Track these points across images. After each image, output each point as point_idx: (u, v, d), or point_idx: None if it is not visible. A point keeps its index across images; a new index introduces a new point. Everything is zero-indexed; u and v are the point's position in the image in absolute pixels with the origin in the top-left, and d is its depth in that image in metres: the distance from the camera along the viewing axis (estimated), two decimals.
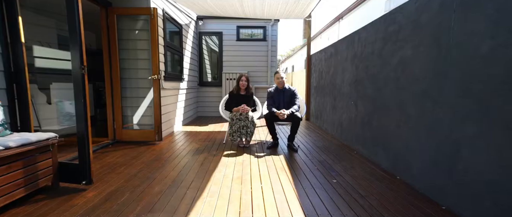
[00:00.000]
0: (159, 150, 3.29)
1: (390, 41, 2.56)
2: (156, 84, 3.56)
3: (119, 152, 3.18)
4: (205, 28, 6.72)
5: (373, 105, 2.94)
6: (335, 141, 3.94)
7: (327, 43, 5.41)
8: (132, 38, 3.66)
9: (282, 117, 3.31)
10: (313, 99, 5.87)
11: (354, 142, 3.47)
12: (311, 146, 3.63)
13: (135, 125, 3.79)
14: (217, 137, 4.24)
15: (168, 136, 4.16)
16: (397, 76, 2.44)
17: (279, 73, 3.62)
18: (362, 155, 3.17)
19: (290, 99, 3.60)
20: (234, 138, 3.50)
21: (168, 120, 4.37)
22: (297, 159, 3.03)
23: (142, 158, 2.95)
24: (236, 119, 3.48)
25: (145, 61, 3.69)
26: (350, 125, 3.61)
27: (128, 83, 3.70)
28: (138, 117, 3.79)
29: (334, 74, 4.40)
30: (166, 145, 3.59)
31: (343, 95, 3.93)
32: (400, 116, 2.40)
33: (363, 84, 3.20)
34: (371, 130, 2.98)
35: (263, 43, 6.76)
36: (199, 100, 6.83)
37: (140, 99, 3.77)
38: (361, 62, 3.28)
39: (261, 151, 3.34)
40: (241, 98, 3.66)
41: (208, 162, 2.87)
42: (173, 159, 2.95)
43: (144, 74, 3.69)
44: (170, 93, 4.49)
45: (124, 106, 3.69)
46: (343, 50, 3.98)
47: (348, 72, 3.75)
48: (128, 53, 3.66)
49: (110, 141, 3.56)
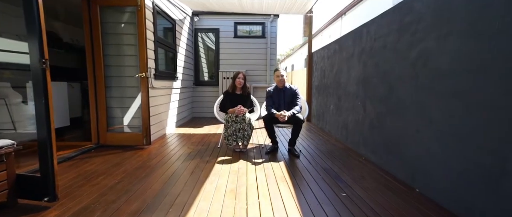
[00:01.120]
0: (146, 156, 2.96)
1: (408, 32, 2.24)
2: (144, 83, 3.23)
3: (100, 158, 2.85)
4: (201, 24, 6.38)
5: (384, 106, 2.63)
6: (339, 145, 3.62)
7: (329, 41, 5.09)
8: (118, 32, 3.32)
9: (283, 119, 2.99)
10: (315, 99, 5.55)
11: (361, 147, 3.15)
12: (314, 151, 3.31)
13: (122, 128, 3.46)
14: (212, 140, 3.91)
15: (158, 139, 3.83)
16: (416, 73, 2.12)
17: (279, 70, 3.30)
18: (371, 161, 2.85)
19: (291, 99, 3.28)
20: (230, 142, 3.17)
21: (159, 121, 4.04)
22: (299, 166, 2.71)
23: (125, 165, 2.62)
24: (232, 121, 3.16)
25: (132, 57, 3.36)
26: (357, 127, 3.29)
27: (114, 82, 3.37)
28: (124, 119, 3.45)
29: (338, 72, 4.08)
30: (155, 149, 3.26)
31: (349, 95, 3.61)
32: (420, 119, 2.08)
33: (373, 83, 2.88)
34: (382, 134, 2.66)
35: (261, 40, 6.43)
36: (195, 100, 6.50)
37: (128, 99, 3.44)
38: (370, 58, 2.96)
39: (259, 157, 3.02)
40: (237, 98, 3.34)
41: (199, 170, 2.54)
42: (160, 166, 2.62)
43: (132, 71, 3.36)
44: (162, 92, 4.16)
45: (109, 107, 3.36)
46: (349, 46, 3.66)
47: (354, 70, 3.43)
48: (113, 48, 3.33)
49: (93, 146, 3.23)
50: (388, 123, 2.55)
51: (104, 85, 3.25)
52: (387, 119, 2.56)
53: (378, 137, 2.74)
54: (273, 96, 3.32)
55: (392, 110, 2.48)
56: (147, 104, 3.27)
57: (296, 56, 17.15)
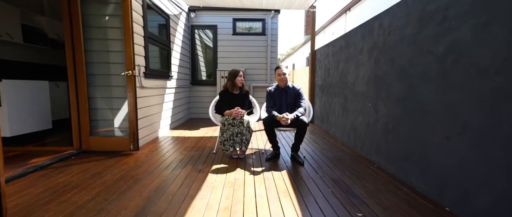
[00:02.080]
0: (131, 164, 2.64)
1: (432, 22, 1.91)
2: (131, 82, 2.90)
3: (79, 166, 2.52)
4: (198, 21, 6.06)
5: (401, 108, 2.30)
6: (347, 150, 3.29)
7: (332, 39, 4.77)
8: (102, 26, 3.00)
9: (285, 122, 2.66)
10: (318, 100, 5.22)
11: (373, 153, 2.82)
12: (320, 157, 2.98)
13: (107, 132, 3.13)
14: (207, 144, 3.58)
15: (149, 144, 3.51)
16: (445, 70, 1.79)
17: (281, 68, 2.97)
18: (385, 170, 2.52)
19: (294, 100, 2.96)
20: (226, 147, 2.85)
21: (151, 124, 3.72)
22: (304, 176, 2.38)
23: (105, 175, 2.30)
24: (228, 125, 2.83)
25: (119, 54, 3.03)
26: (367, 131, 2.96)
27: (98, 81, 3.04)
28: (111, 122, 3.13)
29: (344, 71, 3.75)
30: (143, 156, 2.94)
31: (357, 95, 3.28)
32: (449, 124, 1.75)
33: (387, 81, 2.56)
34: (399, 139, 2.33)
35: (262, 38, 6.11)
36: (192, 100, 6.18)
37: (114, 100, 3.11)
38: (383, 53, 2.63)
39: (258, 165, 2.69)
40: (234, 98, 3.01)
41: (190, 181, 2.21)
42: (145, 177, 2.30)
43: (119, 69, 3.03)
44: (153, 92, 3.84)
45: (92, 109, 3.03)
46: (357, 41, 3.33)
47: (364, 67, 3.10)
48: (97, 43, 3.00)
49: (74, 152, 2.90)
50: (406, 127, 2.22)
51: (86, 84, 2.92)
52: (405, 123, 2.24)
53: (394, 143, 2.41)
54: (274, 96, 3.00)
55: (411, 112, 2.16)
56: (135, 105, 2.95)
57: (297, 55, 16.82)
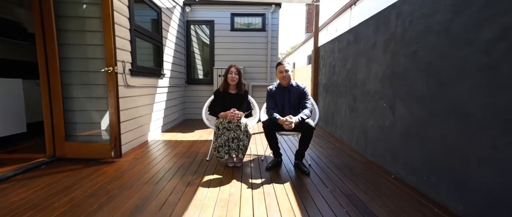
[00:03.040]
0: (110, 174, 2.27)
1: (473, 5, 1.55)
2: (112, 80, 2.54)
3: (48, 178, 2.16)
4: (194, 16, 5.69)
5: (427, 109, 1.94)
6: (357, 157, 2.93)
7: (336, 35, 4.43)
8: (79, 15, 2.63)
9: (288, 126, 2.30)
10: (322, 99, 4.86)
11: (389, 161, 2.46)
12: (326, 164, 2.62)
13: (86, 136, 2.76)
14: (200, 149, 3.22)
15: (135, 149, 3.14)
16: (492, 62, 1.43)
17: (283, 64, 2.60)
18: (405, 182, 2.16)
19: (299, 101, 2.59)
20: (221, 154, 2.49)
21: (138, 127, 3.35)
22: (311, 189, 2.02)
23: (76, 190, 1.93)
24: (223, 129, 2.47)
25: (99, 48, 2.66)
26: (382, 135, 2.60)
27: (75, 78, 2.68)
28: (89, 125, 2.76)
29: (353, 68, 3.39)
30: (126, 164, 2.57)
31: (368, 94, 2.92)
32: (498, 129, 1.39)
33: (407, 78, 2.19)
34: (424, 146, 1.97)
35: (262, 34, 5.74)
36: (187, 100, 5.81)
37: (93, 100, 2.74)
38: (403, 46, 2.27)
39: (257, 175, 2.33)
40: (230, 98, 2.65)
41: (175, 198, 1.85)
42: (122, 192, 1.93)
43: (99, 65, 2.66)
44: (142, 92, 3.47)
45: (68, 110, 2.67)
46: (369, 34, 2.97)
47: (377, 63, 2.74)
48: (73, 36, 2.63)
49: (45, 159, 2.54)
50: (434, 132, 1.86)
51: (60, 82, 2.56)
52: (433, 127, 1.87)
53: (417, 150, 2.05)
54: (275, 96, 2.63)
55: (442, 114, 1.79)
56: (116, 106, 2.58)
57: (297, 54, 16.46)
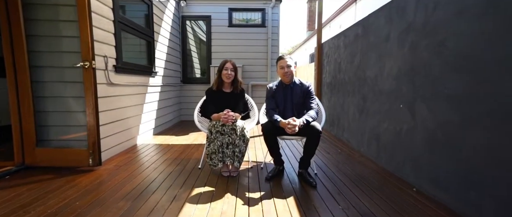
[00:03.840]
0: (83, 187, 1.94)
1: None
2: (89, 77, 2.21)
3: (7, 192, 1.82)
4: (189, 11, 5.37)
5: (461, 110, 1.61)
6: (369, 164, 2.59)
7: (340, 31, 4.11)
8: (51, 2, 2.30)
9: (291, 130, 1.97)
10: (326, 100, 4.53)
11: (409, 172, 2.13)
12: (335, 174, 2.29)
13: (61, 141, 2.43)
14: (193, 154, 2.90)
15: (119, 155, 2.81)
16: None
17: (284, 58, 2.27)
18: (432, 198, 1.82)
19: (303, 100, 2.27)
20: (214, 162, 2.16)
21: (124, 130, 3.03)
22: (320, 206, 1.69)
23: (36, 208, 1.60)
24: (216, 133, 2.14)
25: (76, 40, 2.33)
26: (399, 141, 2.27)
27: (48, 75, 2.35)
28: (64, 129, 2.43)
29: (362, 64, 3.06)
30: (105, 173, 2.24)
31: (381, 94, 2.59)
32: None
33: (431, 74, 1.86)
34: (455, 155, 1.64)
35: (261, 30, 5.42)
36: (183, 100, 5.48)
37: (70, 100, 2.41)
38: (425, 36, 1.94)
39: (255, 187, 2.00)
40: (224, 98, 2.33)
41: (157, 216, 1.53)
42: (92, 209, 1.60)
43: (77, 60, 2.33)
44: (129, 91, 3.15)
45: (40, 112, 2.34)
46: (380, 26, 2.64)
47: (391, 58, 2.41)
48: (42, 26, 2.31)
49: (13, 168, 2.21)
50: (473, 139, 1.53)
51: (30, 79, 2.23)
52: (470, 133, 1.54)
53: (447, 160, 1.71)
54: (276, 95, 2.31)
55: (482, 117, 1.46)
56: (95, 107, 2.25)
57: (298, 52, 16.12)
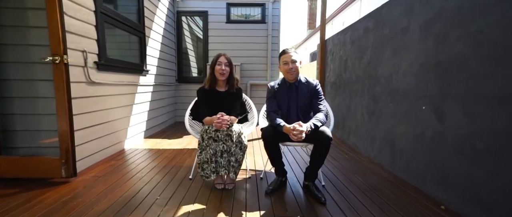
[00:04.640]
0: (50, 204, 1.63)
1: None
2: (60, 74, 1.89)
3: None
4: (185, 6, 5.06)
5: (508, 115, 1.30)
6: (382, 173, 2.28)
7: None
8: None
9: (297, 136, 1.65)
10: (330, 100, 4.22)
11: (433, 184, 1.82)
12: (345, 185, 1.98)
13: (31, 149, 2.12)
14: (185, 161, 2.58)
15: (100, 163, 2.49)
16: None
17: (288, 53, 1.96)
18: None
19: (309, 101, 1.96)
20: (206, 173, 1.84)
21: (109, 134, 2.71)
22: None
23: None
24: (209, 139, 1.83)
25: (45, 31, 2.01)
26: (420, 148, 1.96)
27: (13, 72, 2.03)
28: (34, 134, 2.12)
29: (373, 61, 2.75)
30: (80, 186, 1.93)
31: (397, 93, 2.28)
32: None
33: (465, 70, 1.55)
34: (504, 169, 1.33)
35: (261, 26, 5.11)
36: (178, 101, 5.17)
37: (40, 101, 2.10)
38: (457, 26, 1.63)
39: (254, 203, 1.69)
40: (218, 98, 2.02)
41: None
42: None
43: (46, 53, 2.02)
44: (115, 91, 2.83)
45: (4, 114, 2.03)
46: (396, 17, 2.33)
47: (410, 53, 2.10)
48: (5, 16, 1.99)
49: None
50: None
51: None
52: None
53: (490, 174, 1.40)
54: (278, 95, 1.99)
55: None
56: (68, 109, 1.94)
57: (299, 51, 15.82)
